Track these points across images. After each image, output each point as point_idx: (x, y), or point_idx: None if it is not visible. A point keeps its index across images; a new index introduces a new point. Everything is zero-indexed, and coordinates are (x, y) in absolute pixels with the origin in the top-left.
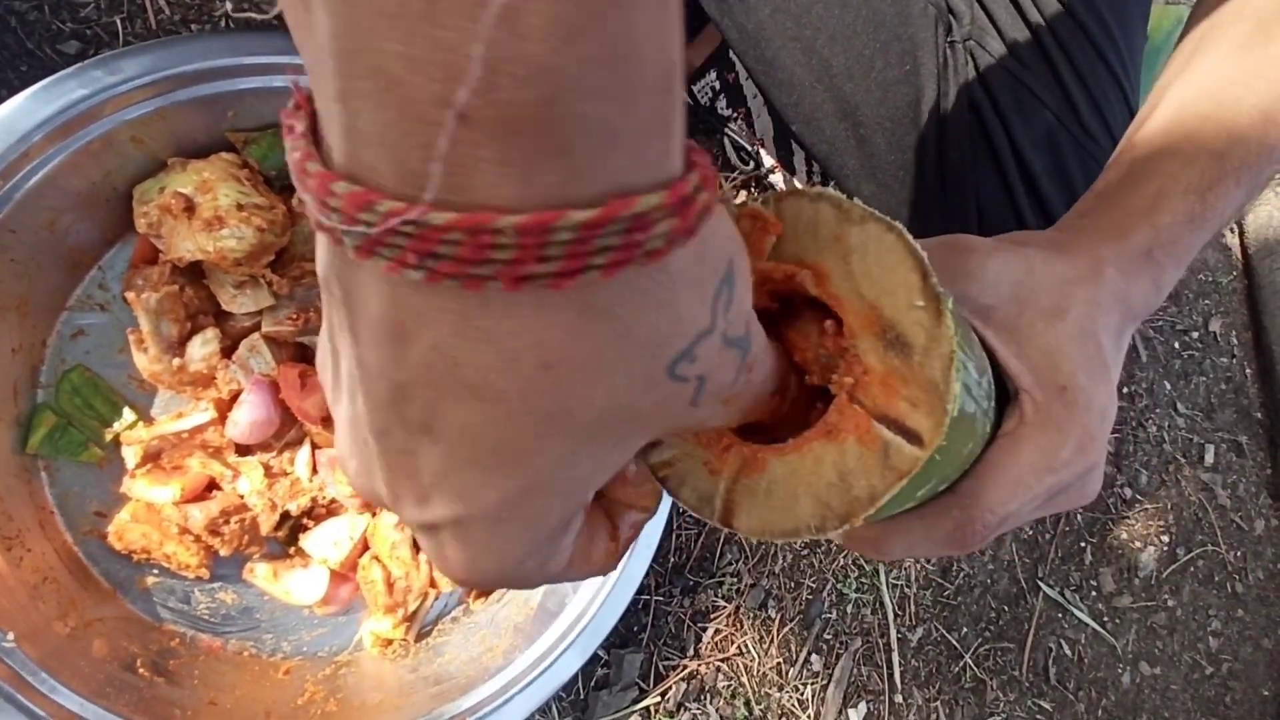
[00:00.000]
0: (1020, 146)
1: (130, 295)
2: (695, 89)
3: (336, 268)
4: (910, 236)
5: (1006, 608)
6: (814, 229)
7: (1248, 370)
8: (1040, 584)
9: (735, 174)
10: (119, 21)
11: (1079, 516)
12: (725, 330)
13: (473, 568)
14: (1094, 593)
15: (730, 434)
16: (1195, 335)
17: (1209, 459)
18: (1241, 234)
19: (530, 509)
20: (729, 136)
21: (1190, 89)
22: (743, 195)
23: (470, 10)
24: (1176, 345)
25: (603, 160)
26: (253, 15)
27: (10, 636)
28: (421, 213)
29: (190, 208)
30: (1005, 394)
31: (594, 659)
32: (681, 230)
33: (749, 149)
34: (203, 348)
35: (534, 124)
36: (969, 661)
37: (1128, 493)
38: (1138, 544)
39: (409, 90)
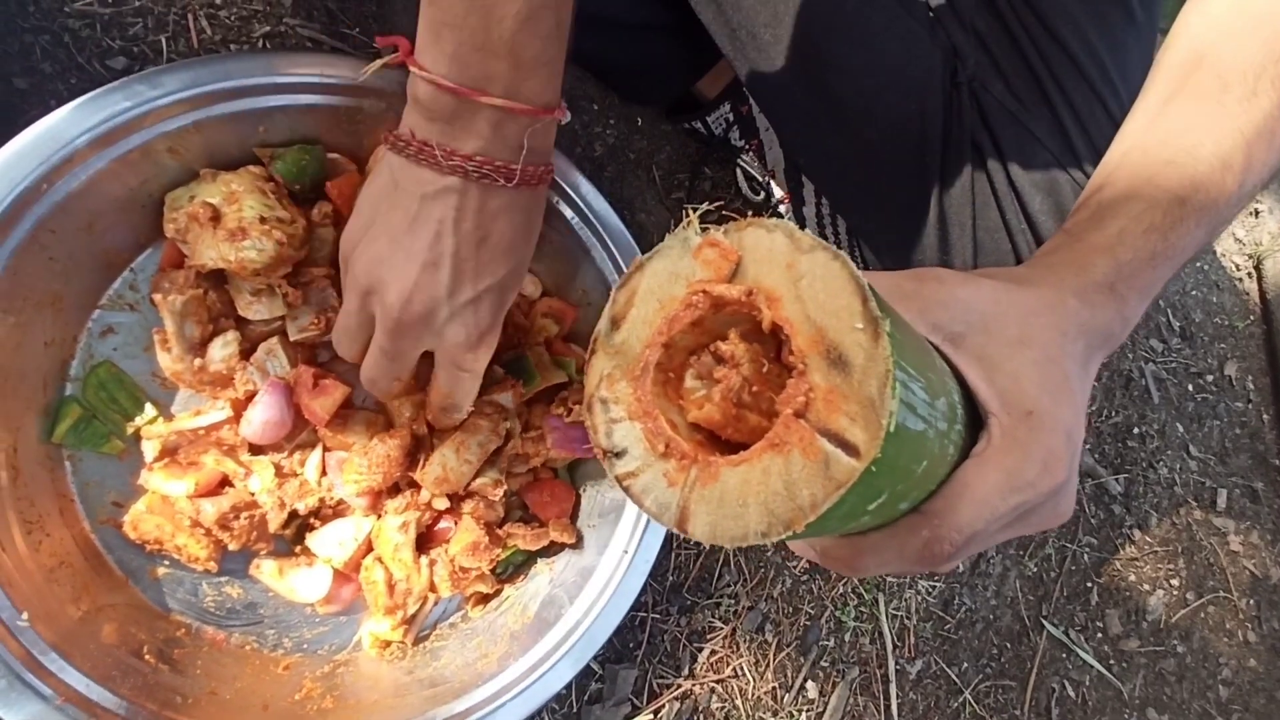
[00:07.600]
0: (1020, 186)
1: (157, 297)
2: (710, 120)
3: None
4: (853, 265)
5: (1009, 644)
6: (770, 255)
7: (1264, 416)
8: (1044, 622)
9: (745, 204)
10: (164, 40)
11: (1085, 556)
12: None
13: (495, 316)
14: (1100, 634)
15: (692, 447)
16: (1210, 379)
17: (1221, 503)
18: (1260, 279)
19: (519, 274)
20: (742, 167)
21: (1155, 135)
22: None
23: None
24: (1190, 388)
25: None
26: (286, 37)
27: (25, 616)
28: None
29: (216, 217)
30: (982, 420)
31: (588, 673)
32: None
33: (760, 180)
34: (223, 349)
35: None
36: (969, 698)
37: (1136, 534)
38: (1146, 586)
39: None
